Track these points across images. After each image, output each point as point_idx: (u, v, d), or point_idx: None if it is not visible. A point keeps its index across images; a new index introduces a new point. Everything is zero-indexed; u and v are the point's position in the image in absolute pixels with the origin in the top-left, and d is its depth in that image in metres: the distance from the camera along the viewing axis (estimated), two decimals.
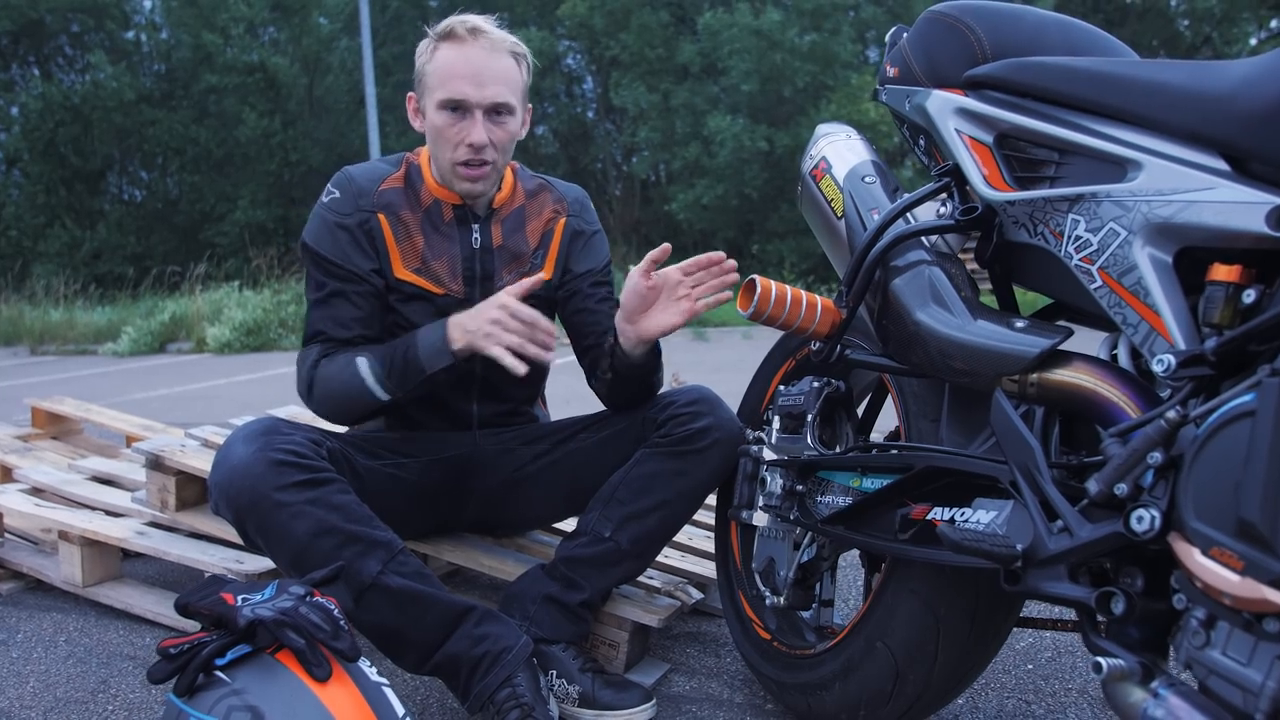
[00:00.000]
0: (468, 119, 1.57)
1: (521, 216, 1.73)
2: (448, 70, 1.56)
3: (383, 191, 1.66)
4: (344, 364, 1.57)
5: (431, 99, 1.59)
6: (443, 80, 1.57)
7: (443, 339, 1.52)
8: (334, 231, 1.63)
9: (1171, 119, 1.00)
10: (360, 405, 1.58)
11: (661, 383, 1.74)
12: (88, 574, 2.10)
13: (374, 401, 1.57)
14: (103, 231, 19.73)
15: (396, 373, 1.54)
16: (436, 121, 1.58)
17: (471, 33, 1.57)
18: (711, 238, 16.20)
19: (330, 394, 1.59)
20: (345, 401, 1.59)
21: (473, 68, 1.56)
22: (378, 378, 1.55)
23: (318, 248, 1.63)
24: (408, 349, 1.54)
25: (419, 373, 1.53)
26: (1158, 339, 0.98)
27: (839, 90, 14.84)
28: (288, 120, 19.53)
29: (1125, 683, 0.89)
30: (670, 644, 1.86)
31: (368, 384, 1.55)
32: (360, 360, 1.56)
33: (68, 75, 21.79)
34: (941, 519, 1.17)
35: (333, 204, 1.65)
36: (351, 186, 1.65)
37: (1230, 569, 0.78)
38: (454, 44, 1.57)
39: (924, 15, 1.37)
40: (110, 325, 12.17)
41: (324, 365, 1.59)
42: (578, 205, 1.80)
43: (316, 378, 1.59)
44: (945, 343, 1.15)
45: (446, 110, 1.57)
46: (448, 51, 1.57)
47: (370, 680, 1.15)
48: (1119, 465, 0.92)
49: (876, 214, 1.31)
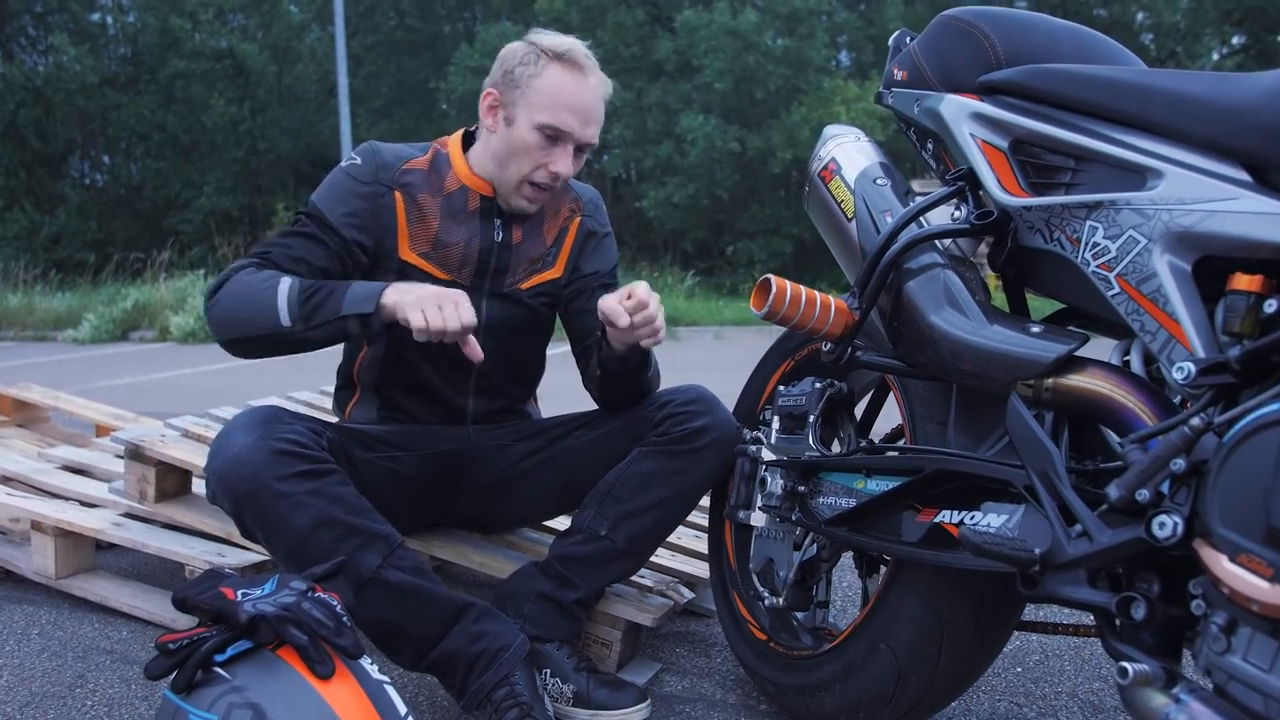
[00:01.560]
0: (559, 148, 1.58)
1: (540, 215, 1.72)
2: (560, 98, 1.56)
3: (405, 170, 1.64)
4: (271, 275, 1.49)
5: (529, 115, 1.56)
6: (552, 105, 1.55)
7: (376, 291, 1.45)
8: (344, 195, 1.60)
9: (1193, 129, 1.01)
10: (258, 320, 1.46)
11: (655, 385, 1.73)
12: (61, 565, 2.05)
13: (272, 322, 1.45)
14: (63, 216, 19.35)
15: (313, 302, 1.45)
16: (528, 139, 1.57)
17: (589, 65, 1.58)
18: (682, 237, 16.24)
19: (236, 299, 1.49)
20: (246, 311, 1.48)
21: (584, 104, 1.58)
22: (291, 299, 1.45)
23: (320, 203, 1.60)
24: (336, 288, 1.47)
25: (334, 310, 1.44)
26: (1176, 346, 0.98)
27: (811, 94, 14.92)
28: (256, 108, 19.29)
29: (1148, 688, 0.90)
30: (659, 643, 1.85)
31: (277, 300, 1.45)
32: (288, 278, 1.48)
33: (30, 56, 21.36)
34: (951, 522, 1.17)
35: (352, 169, 1.62)
36: (376, 158, 1.63)
37: (1259, 576, 0.78)
38: (570, 71, 1.57)
39: (936, 20, 1.37)
40: (70, 312, 11.91)
41: (248, 271, 1.51)
42: (592, 206, 1.80)
43: (233, 279, 1.51)
44: (960, 346, 1.15)
45: (543, 133, 1.56)
46: (562, 76, 1.56)
47: (372, 678, 1.13)
48: (1141, 471, 0.92)
49: (889, 216, 1.31)
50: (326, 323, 1.45)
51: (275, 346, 1.50)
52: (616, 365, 1.62)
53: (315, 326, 1.46)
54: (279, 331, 1.47)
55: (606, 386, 1.69)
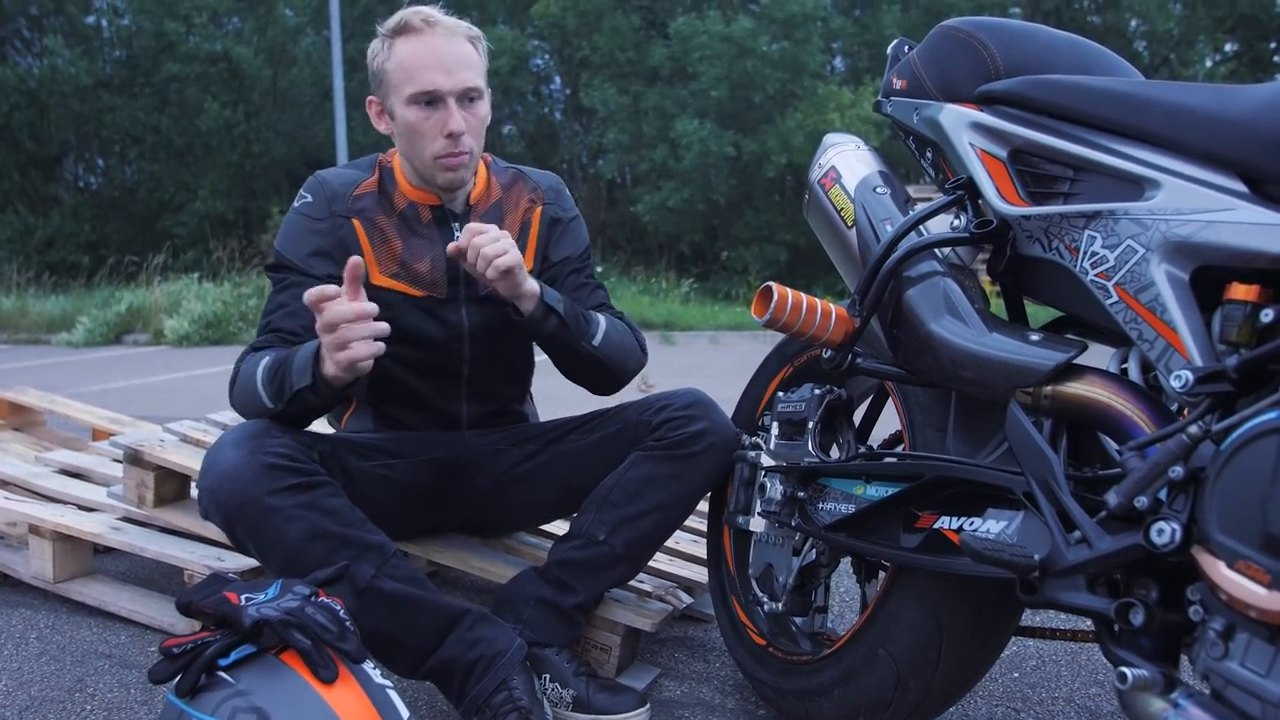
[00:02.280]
0: (441, 109, 1.54)
1: (500, 210, 1.71)
2: (412, 63, 1.54)
3: (357, 197, 1.63)
4: (254, 361, 1.49)
5: (399, 96, 1.55)
6: (409, 74, 1.54)
7: (310, 357, 1.39)
8: (304, 235, 1.60)
9: (1190, 140, 1.02)
10: (256, 408, 1.48)
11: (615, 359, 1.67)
12: (59, 570, 2.06)
13: (263, 406, 1.46)
14: (57, 219, 19.28)
15: (277, 380, 1.44)
16: (409, 118, 1.55)
17: (426, 23, 1.55)
18: (677, 241, 16.24)
19: (239, 390, 1.51)
20: (246, 401, 1.50)
21: (437, 57, 1.53)
22: (264, 382, 1.46)
23: (283, 250, 1.60)
24: (288, 358, 1.43)
25: (289, 386, 1.42)
26: (1174, 355, 0.99)
27: (806, 99, 14.95)
28: (251, 111, 19.25)
29: (1147, 693, 0.91)
30: (658, 648, 1.86)
31: (259, 387, 1.46)
32: (264, 361, 1.47)
33: (24, 58, 21.29)
34: (950, 528, 1.18)
35: (305, 208, 1.61)
36: (325, 190, 1.62)
37: (1257, 582, 0.79)
38: (412, 37, 1.54)
39: (936, 30, 1.38)
40: (64, 315, 11.89)
41: (249, 360, 1.52)
42: (553, 193, 1.79)
43: (239, 371, 1.52)
44: (959, 354, 1.16)
45: (419, 105, 1.54)
46: (407, 45, 1.54)
47: (375, 682, 1.14)
48: (1139, 478, 0.93)
49: (889, 225, 1.32)
50: (293, 398, 1.43)
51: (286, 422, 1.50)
52: (534, 333, 1.58)
53: (289, 403, 1.44)
54: (272, 413, 1.47)
55: (556, 362, 1.66)
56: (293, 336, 1.54)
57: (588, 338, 1.62)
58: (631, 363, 1.72)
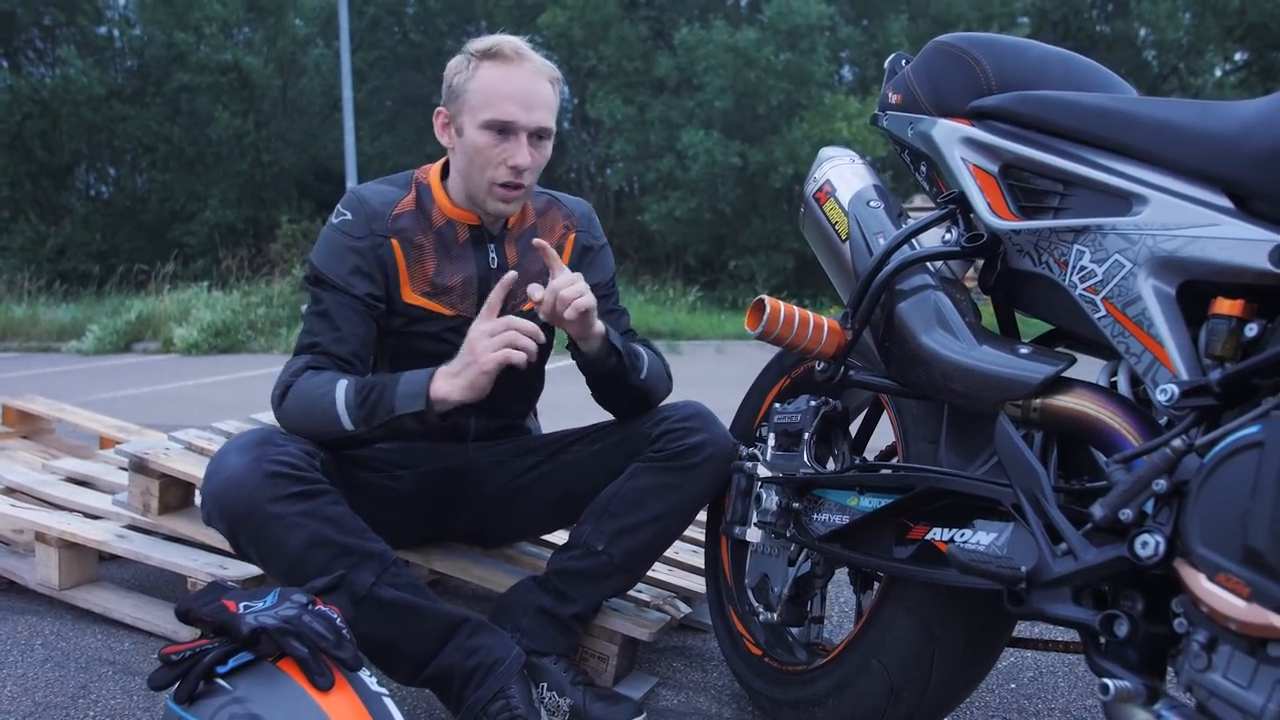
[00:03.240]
0: (511, 141, 1.56)
1: (534, 235, 1.72)
2: (494, 91, 1.55)
3: (397, 216, 1.64)
4: (325, 381, 1.51)
5: (473, 118, 1.56)
6: (489, 100, 1.55)
7: (423, 384, 1.46)
8: (343, 254, 1.60)
9: (1178, 156, 1.03)
10: (324, 427, 1.50)
11: (660, 388, 1.73)
12: (65, 577, 2.07)
13: (338, 428, 1.49)
14: (68, 228, 19.42)
15: (369, 405, 1.47)
16: (478, 141, 1.56)
17: (517, 54, 1.56)
18: (684, 251, 16.28)
19: (301, 406, 1.52)
20: (312, 419, 1.51)
21: (521, 91, 1.55)
22: (348, 405, 1.48)
23: (323, 268, 1.61)
24: (386, 385, 1.48)
25: (388, 411, 1.46)
26: (1160, 369, 1.00)
27: (812, 109, 14.98)
28: (261, 121, 19.37)
29: (1130, 704, 0.91)
30: (656, 658, 1.87)
31: (337, 408, 1.48)
32: (342, 383, 1.50)
33: (37, 68, 21.46)
34: (941, 540, 1.19)
35: (344, 225, 1.62)
36: (364, 209, 1.63)
37: (1236, 595, 0.80)
38: (500, 64, 1.56)
39: (930, 45, 1.40)
40: (75, 323, 11.97)
41: (307, 376, 1.53)
42: (585, 220, 1.81)
43: (294, 387, 1.53)
44: (949, 367, 1.17)
45: (491, 131, 1.56)
46: (493, 71, 1.56)
47: (371, 690, 1.15)
48: (1124, 491, 0.94)
49: (882, 238, 1.33)
50: (384, 424, 1.47)
51: (348, 446, 1.56)
52: (593, 369, 1.62)
53: (376, 427, 1.48)
54: (346, 435, 1.50)
55: (600, 393, 1.70)
56: (345, 364, 1.57)
57: (637, 373, 1.66)
58: (663, 391, 1.75)
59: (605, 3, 16.87)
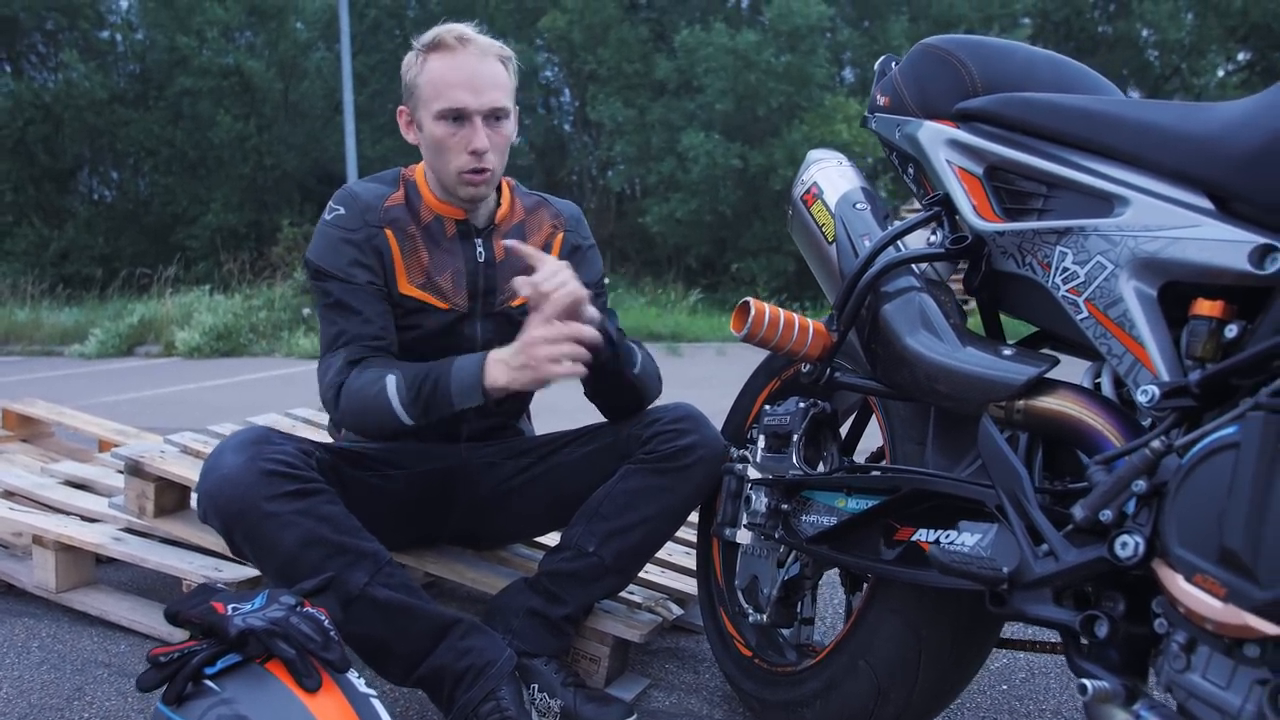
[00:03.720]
0: (468, 126, 1.58)
1: (522, 232, 1.74)
2: (442, 80, 1.57)
3: (388, 208, 1.66)
4: (373, 379, 1.54)
5: (428, 111, 1.59)
6: (439, 91, 1.58)
7: (477, 377, 1.49)
8: (339, 246, 1.62)
9: (1159, 158, 1.04)
10: (386, 425, 1.54)
11: (653, 387, 1.73)
12: (62, 579, 2.08)
13: (397, 424, 1.53)
14: (71, 231, 19.43)
15: (424, 400, 1.51)
16: (436, 132, 1.59)
17: (460, 41, 1.58)
18: (685, 252, 16.27)
19: (356, 409, 1.55)
20: (371, 418, 1.55)
21: (467, 75, 1.57)
22: (404, 402, 1.51)
23: (322, 263, 1.63)
24: (439, 379, 1.50)
25: (447, 406, 1.50)
26: (1142, 370, 1.01)
27: (813, 111, 14.97)
28: (263, 124, 19.37)
29: (1109, 704, 0.92)
30: (649, 659, 1.87)
31: (393, 406, 1.51)
32: (390, 379, 1.53)
33: (40, 73, 21.50)
34: (927, 541, 1.19)
35: (337, 220, 1.64)
36: (357, 203, 1.65)
37: (1213, 595, 0.81)
38: (444, 54, 1.58)
39: (916, 47, 1.40)
40: (77, 326, 11.98)
41: (354, 377, 1.56)
42: (574, 221, 1.83)
43: (345, 389, 1.56)
44: (934, 368, 1.18)
45: (446, 120, 1.58)
46: (439, 62, 1.58)
47: (359, 691, 1.16)
48: (1104, 492, 0.95)
49: (868, 240, 1.33)
50: (443, 416, 1.53)
51: (407, 435, 1.60)
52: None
53: (434, 419, 1.53)
54: (406, 428, 1.54)
55: (592, 388, 1.69)
56: (378, 342, 1.60)
57: (630, 366, 1.66)
58: (654, 391, 1.75)
59: (605, 5, 16.87)
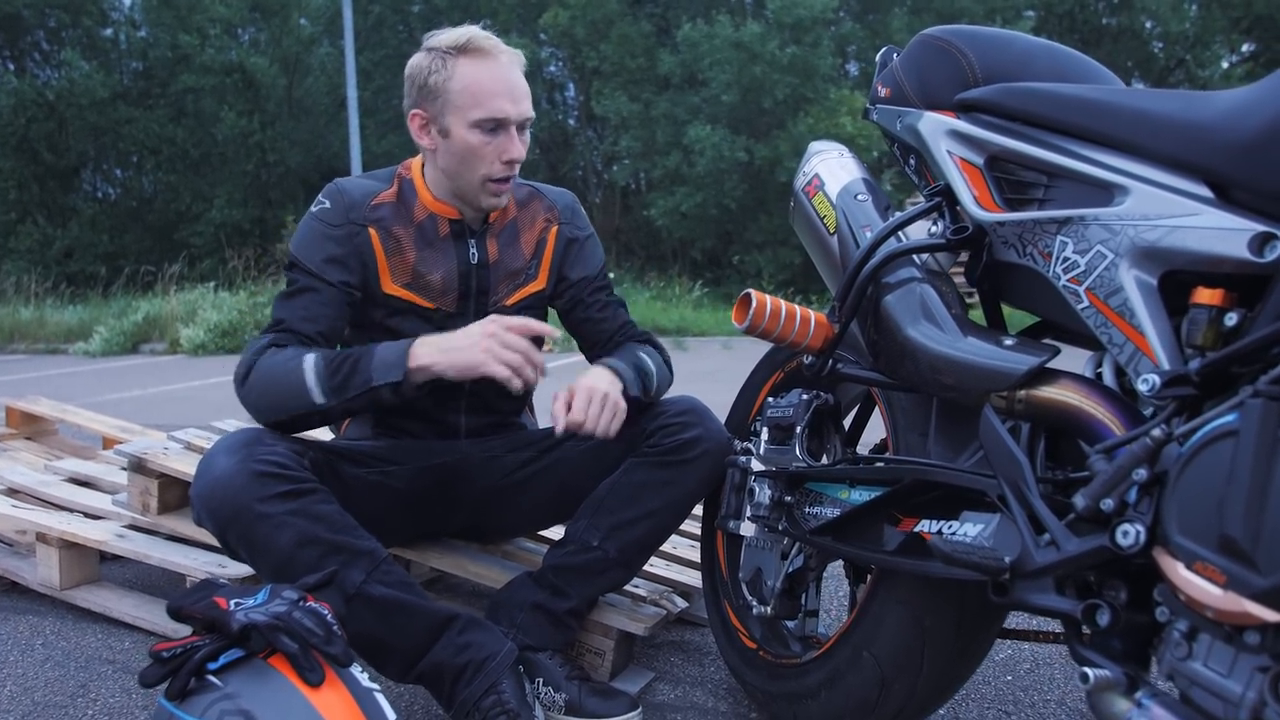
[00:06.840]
0: (503, 135, 1.56)
1: (515, 229, 1.73)
2: (480, 89, 1.54)
3: (375, 206, 1.64)
4: (290, 355, 1.48)
5: (460, 118, 1.55)
6: (478, 99, 1.54)
7: (401, 355, 1.45)
8: (320, 240, 1.60)
9: (1158, 146, 1.03)
10: (292, 403, 1.46)
11: (665, 383, 1.74)
12: (65, 577, 2.09)
13: (307, 403, 1.45)
14: (75, 229, 19.50)
15: (341, 376, 1.45)
16: (471, 140, 1.55)
17: (493, 47, 1.56)
18: (690, 246, 16.26)
19: (265, 384, 1.48)
20: (278, 396, 1.47)
21: (507, 85, 1.55)
22: (319, 376, 1.45)
23: (297, 253, 1.61)
24: (361, 356, 1.46)
25: (364, 383, 1.44)
26: (1142, 359, 1.00)
27: (817, 103, 14.94)
28: (266, 121, 19.40)
29: (1110, 693, 0.92)
30: (654, 652, 1.87)
31: (306, 381, 1.45)
32: (309, 356, 1.47)
33: (43, 71, 21.54)
34: (930, 531, 1.19)
35: (322, 214, 1.62)
36: (343, 199, 1.63)
37: (1213, 583, 0.80)
38: (479, 60, 1.54)
39: (916, 38, 1.40)
40: (82, 324, 12.03)
41: (270, 353, 1.50)
42: (568, 212, 1.80)
43: (258, 365, 1.49)
44: (935, 358, 1.18)
45: (482, 129, 1.55)
46: (473, 68, 1.54)
47: (362, 685, 1.15)
48: (1105, 481, 0.94)
49: (869, 231, 1.33)
50: (359, 394, 1.45)
51: (315, 423, 1.53)
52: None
53: (350, 399, 1.46)
54: (316, 409, 1.47)
55: None
56: (310, 342, 1.55)
57: (649, 394, 1.68)
58: (666, 390, 1.76)
59: (606, 1, 16.85)
